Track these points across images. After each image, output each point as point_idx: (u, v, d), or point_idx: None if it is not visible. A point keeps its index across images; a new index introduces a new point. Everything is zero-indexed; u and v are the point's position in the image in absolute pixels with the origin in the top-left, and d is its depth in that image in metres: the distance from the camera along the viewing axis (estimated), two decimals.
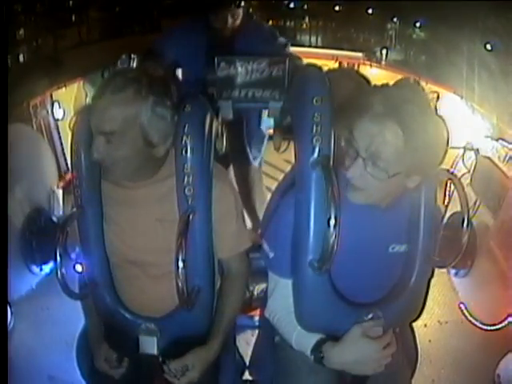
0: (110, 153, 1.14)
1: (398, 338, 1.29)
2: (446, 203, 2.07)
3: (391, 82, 1.09)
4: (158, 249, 1.28)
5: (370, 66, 3.62)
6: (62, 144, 3.01)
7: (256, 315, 1.81)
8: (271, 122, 1.86)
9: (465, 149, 2.51)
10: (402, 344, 1.35)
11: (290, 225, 1.18)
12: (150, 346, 1.31)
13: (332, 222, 1.05)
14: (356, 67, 3.63)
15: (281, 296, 1.25)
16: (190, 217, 1.20)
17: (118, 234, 1.30)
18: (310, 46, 4.89)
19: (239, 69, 1.73)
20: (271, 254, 1.24)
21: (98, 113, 1.12)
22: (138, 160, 1.18)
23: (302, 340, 1.20)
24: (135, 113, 1.11)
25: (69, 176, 2.81)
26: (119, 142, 1.13)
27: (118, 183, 1.28)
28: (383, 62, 3.60)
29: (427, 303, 1.31)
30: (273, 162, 3.28)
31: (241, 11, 2.28)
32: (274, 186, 1.68)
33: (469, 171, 2.44)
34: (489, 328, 2.07)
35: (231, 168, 2.56)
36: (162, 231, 1.26)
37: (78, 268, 1.38)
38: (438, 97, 2.67)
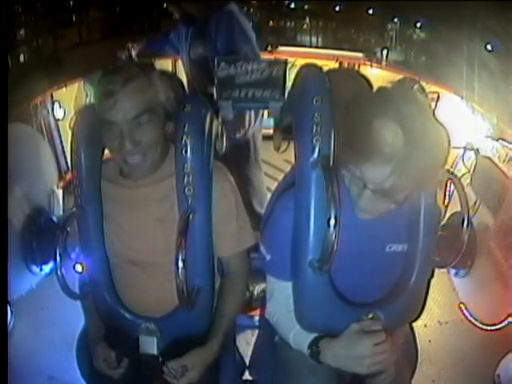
0: (140, 139, 1.18)
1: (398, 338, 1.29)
2: (445, 203, 2.07)
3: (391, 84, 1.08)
4: (159, 249, 1.28)
5: (371, 66, 3.61)
6: (62, 144, 3.01)
7: (256, 315, 1.81)
8: None
9: (465, 149, 2.50)
10: (401, 344, 1.35)
11: (285, 228, 1.18)
12: (150, 346, 1.31)
13: (332, 222, 1.05)
14: (356, 67, 3.63)
15: (280, 298, 1.25)
16: (190, 217, 1.20)
17: (118, 234, 1.30)
18: (310, 47, 4.89)
19: (239, 69, 1.73)
20: (268, 257, 1.24)
21: (119, 105, 1.14)
22: (161, 140, 1.23)
23: (300, 337, 1.20)
24: (154, 92, 1.19)
25: (69, 176, 2.81)
26: (148, 121, 1.18)
27: (118, 183, 1.29)
28: (384, 63, 3.59)
29: (427, 303, 1.31)
30: (273, 162, 3.29)
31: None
32: (274, 186, 1.68)
33: (469, 171, 2.44)
34: (489, 328, 2.07)
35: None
36: (162, 231, 1.27)
37: (78, 268, 1.38)
38: (438, 97, 2.68)
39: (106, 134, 1.19)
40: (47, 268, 2.45)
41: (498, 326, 2.00)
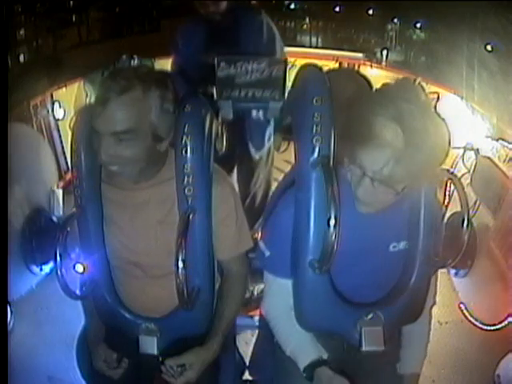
0: (119, 153, 1.14)
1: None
2: (445, 203, 2.07)
3: (391, 83, 1.09)
4: (159, 251, 1.27)
5: (371, 66, 3.62)
6: (62, 144, 3.01)
7: (256, 315, 1.81)
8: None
9: (465, 149, 2.51)
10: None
11: (287, 224, 1.19)
12: (150, 346, 1.30)
13: (332, 222, 1.05)
14: (356, 68, 3.63)
15: (276, 295, 1.26)
16: (190, 217, 1.20)
17: (118, 236, 1.30)
18: (310, 47, 4.89)
19: (239, 69, 1.73)
20: (267, 253, 1.24)
21: (106, 115, 1.10)
22: (145, 158, 1.18)
23: (297, 355, 1.22)
24: (147, 109, 1.13)
25: (69, 176, 2.81)
26: (130, 140, 1.13)
27: (118, 185, 1.28)
28: (383, 63, 3.60)
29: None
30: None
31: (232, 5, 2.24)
32: (274, 186, 1.68)
33: (469, 171, 2.45)
34: (489, 328, 2.07)
35: (235, 170, 2.49)
36: (162, 234, 1.26)
37: (78, 268, 1.37)
38: (438, 97, 2.69)
39: (93, 139, 1.16)
40: (47, 268, 2.45)
41: (498, 326, 2.01)
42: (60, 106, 2.97)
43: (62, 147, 3.01)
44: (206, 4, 2.23)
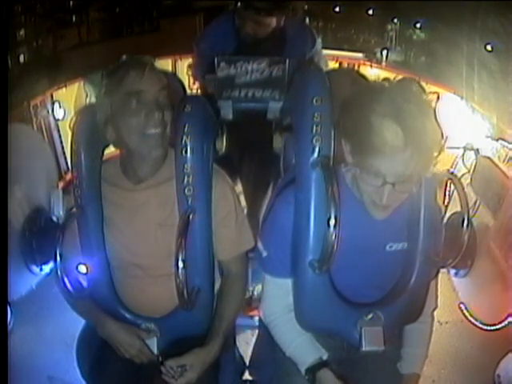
0: (161, 117, 1.19)
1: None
2: (445, 203, 2.07)
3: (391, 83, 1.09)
4: (159, 253, 1.28)
5: (371, 66, 3.62)
6: (62, 144, 3.01)
7: (256, 315, 1.81)
8: None
9: (465, 149, 2.51)
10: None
11: (284, 224, 1.19)
12: (150, 346, 1.31)
13: (332, 221, 1.05)
14: (356, 68, 3.63)
15: (274, 296, 1.26)
16: (190, 217, 1.20)
17: (117, 237, 1.30)
18: None
19: (239, 69, 1.73)
20: (264, 253, 1.24)
21: (146, 77, 1.18)
22: (169, 131, 1.23)
23: (297, 358, 1.23)
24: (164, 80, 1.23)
25: (69, 176, 2.81)
26: (167, 104, 1.21)
27: (117, 185, 1.28)
28: (383, 63, 3.60)
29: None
30: None
31: (269, 20, 2.11)
32: None
33: (469, 171, 2.44)
34: (489, 328, 2.07)
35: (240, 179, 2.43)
36: (162, 236, 1.27)
37: (78, 268, 1.37)
38: (438, 97, 2.69)
39: (129, 108, 1.18)
40: (47, 268, 2.45)
41: (498, 326, 2.01)
42: (60, 106, 2.98)
43: (62, 147, 3.01)
44: (247, 23, 2.12)
